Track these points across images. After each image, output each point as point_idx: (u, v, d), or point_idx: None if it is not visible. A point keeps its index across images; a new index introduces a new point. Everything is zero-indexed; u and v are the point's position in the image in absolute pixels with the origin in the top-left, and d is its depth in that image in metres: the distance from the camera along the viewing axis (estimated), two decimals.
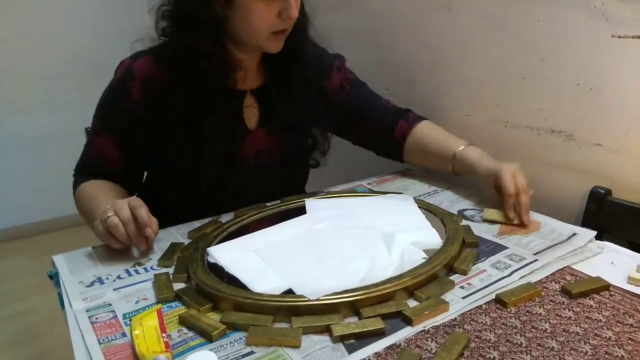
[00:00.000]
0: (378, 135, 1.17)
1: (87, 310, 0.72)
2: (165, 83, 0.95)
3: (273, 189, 1.07)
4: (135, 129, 0.99)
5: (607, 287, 0.73)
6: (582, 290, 0.72)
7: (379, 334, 0.64)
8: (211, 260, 0.81)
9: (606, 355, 0.60)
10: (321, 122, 1.09)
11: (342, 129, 1.19)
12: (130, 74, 0.96)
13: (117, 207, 0.83)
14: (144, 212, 0.82)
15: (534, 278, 0.76)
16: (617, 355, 0.60)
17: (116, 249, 0.85)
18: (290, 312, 0.67)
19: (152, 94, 0.96)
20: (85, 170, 1.04)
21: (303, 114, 1.05)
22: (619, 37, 0.93)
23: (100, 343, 0.65)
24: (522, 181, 0.93)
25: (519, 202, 0.92)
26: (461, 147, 1.05)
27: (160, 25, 0.96)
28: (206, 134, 0.97)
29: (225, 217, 0.99)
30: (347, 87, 1.15)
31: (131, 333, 0.65)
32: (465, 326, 0.66)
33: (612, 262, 0.81)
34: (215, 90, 0.95)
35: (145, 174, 1.12)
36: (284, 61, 1.01)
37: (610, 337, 0.63)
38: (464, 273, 0.77)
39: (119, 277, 0.80)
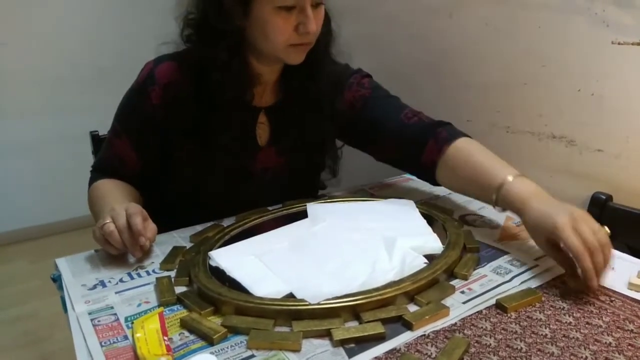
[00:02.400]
0: (401, 157, 1.04)
1: (89, 313, 0.72)
2: (184, 90, 0.96)
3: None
4: (151, 132, 1.00)
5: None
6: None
7: (379, 339, 0.64)
8: (213, 264, 0.81)
9: None
10: (330, 146, 1.08)
11: (359, 146, 1.11)
12: (152, 78, 0.97)
13: (115, 213, 0.83)
14: (139, 220, 0.81)
15: (534, 283, 0.76)
16: None
17: (113, 254, 0.85)
18: (291, 316, 0.68)
19: (170, 100, 0.97)
20: (102, 169, 1.06)
21: (313, 136, 1.05)
22: (619, 43, 0.94)
23: (102, 346, 0.65)
24: (589, 231, 0.72)
25: (593, 262, 0.71)
26: (509, 178, 0.84)
27: (185, 33, 0.97)
28: (217, 146, 0.97)
29: (227, 221, 0.99)
30: (357, 105, 1.06)
31: (133, 336, 0.65)
32: (465, 331, 0.66)
33: (612, 268, 0.81)
34: (231, 104, 0.96)
35: None
36: (302, 79, 1.01)
37: (610, 343, 0.63)
38: (465, 278, 0.77)
39: (121, 280, 0.80)
